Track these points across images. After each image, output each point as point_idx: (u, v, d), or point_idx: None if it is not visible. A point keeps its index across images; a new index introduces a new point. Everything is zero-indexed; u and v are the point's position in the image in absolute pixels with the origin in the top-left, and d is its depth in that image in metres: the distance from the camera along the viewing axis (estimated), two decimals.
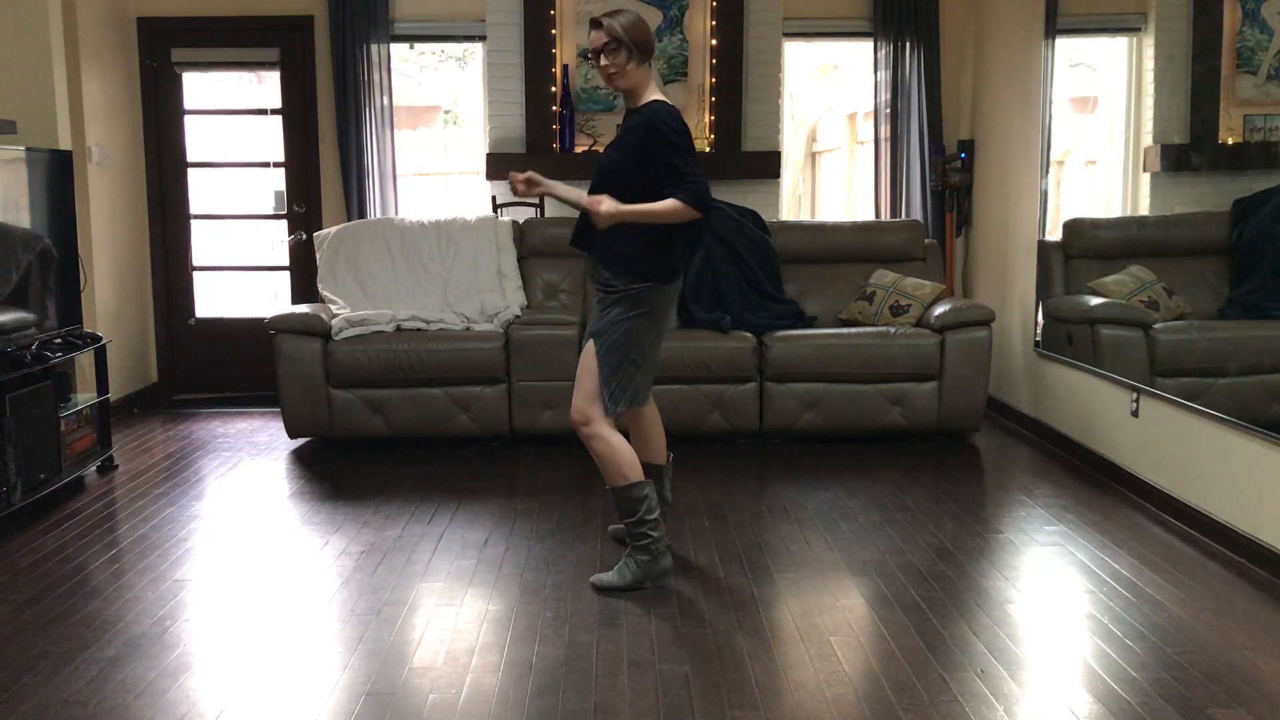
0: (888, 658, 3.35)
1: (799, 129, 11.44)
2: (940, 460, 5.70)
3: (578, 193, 3.88)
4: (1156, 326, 5.06)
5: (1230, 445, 4.25)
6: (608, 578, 3.91)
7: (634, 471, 3.88)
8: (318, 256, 6.53)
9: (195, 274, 7.30)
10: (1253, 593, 3.85)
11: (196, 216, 7.27)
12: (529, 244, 6.61)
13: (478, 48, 7.29)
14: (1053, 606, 3.78)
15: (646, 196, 3.78)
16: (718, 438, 6.00)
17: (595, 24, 3.88)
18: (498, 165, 6.98)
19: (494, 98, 7.04)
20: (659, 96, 3.88)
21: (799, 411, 5.91)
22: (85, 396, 5.53)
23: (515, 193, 3.92)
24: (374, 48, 6.91)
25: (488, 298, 6.32)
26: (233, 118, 7.75)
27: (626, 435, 4.06)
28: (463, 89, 11.12)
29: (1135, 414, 4.97)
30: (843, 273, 6.55)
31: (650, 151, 3.77)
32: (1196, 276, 4.94)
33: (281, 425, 6.10)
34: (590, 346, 3.93)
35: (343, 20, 6.86)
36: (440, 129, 11.95)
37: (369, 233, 6.52)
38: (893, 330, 5.97)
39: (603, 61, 3.87)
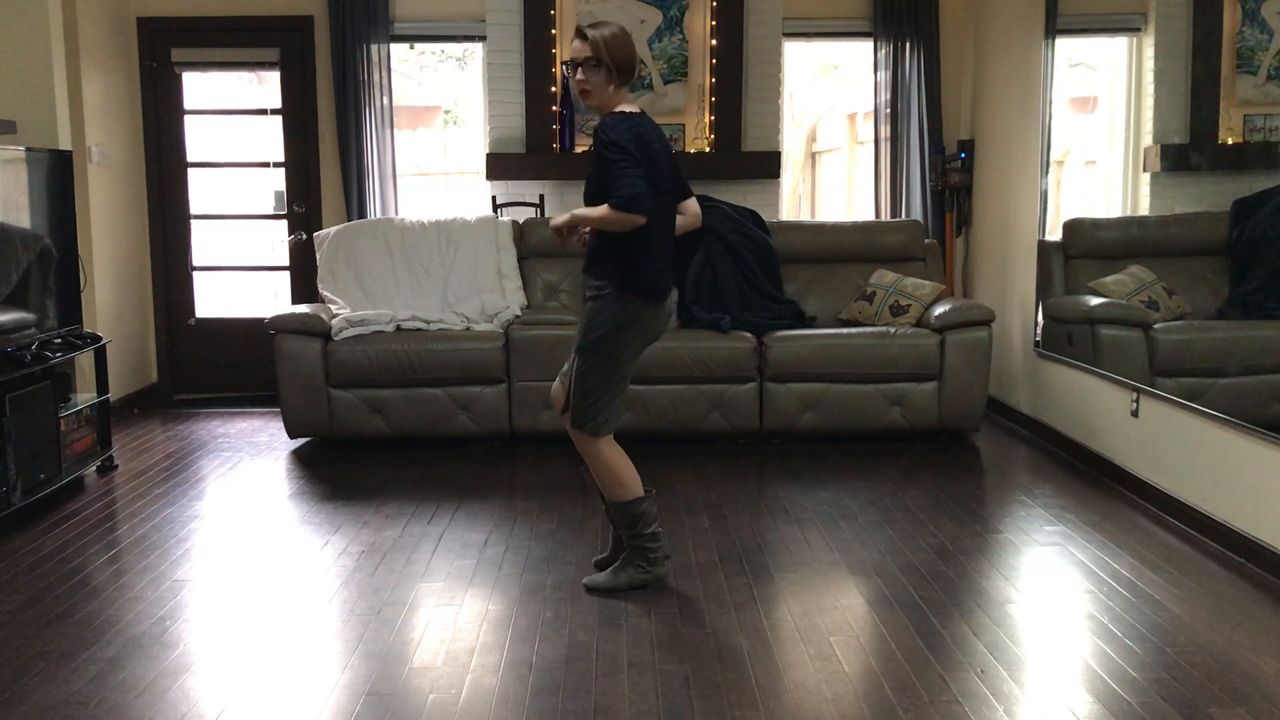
0: (888, 658, 3.35)
1: (799, 129, 11.45)
2: (940, 460, 5.70)
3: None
4: (1156, 326, 5.06)
5: (1230, 445, 4.25)
6: (602, 579, 3.91)
7: (634, 487, 3.83)
8: (318, 256, 6.53)
9: (195, 274, 7.30)
10: (1253, 593, 3.85)
11: (196, 216, 7.27)
12: (529, 244, 6.61)
13: (478, 48, 7.29)
14: (1053, 606, 3.78)
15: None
16: (718, 438, 6.00)
17: (581, 34, 3.69)
18: (498, 165, 6.98)
19: (494, 98, 7.04)
20: (623, 108, 3.71)
21: (799, 411, 5.91)
22: (85, 396, 5.53)
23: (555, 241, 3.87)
24: (374, 48, 6.91)
25: (488, 298, 6.32)
26: (233, 118, 7.75)
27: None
28: (463, 89, 11.13)
29: (1135, 414, 4.97)
30: (843, 273, 6.55)
31: (600, 169, 3.66)
32: (1196, 276, 4.94)
33: (281, 425, 6.09)
34: (577, 360, 3.81)
35: (343, 20, 6.86)
36: (440, 129, 11.96)
37: (369, 233, 6.52)
38: (893, 330, 5.97)
39: (579, 76, 3.69)
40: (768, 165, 7.06)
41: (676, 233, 3.94)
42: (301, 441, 6.14)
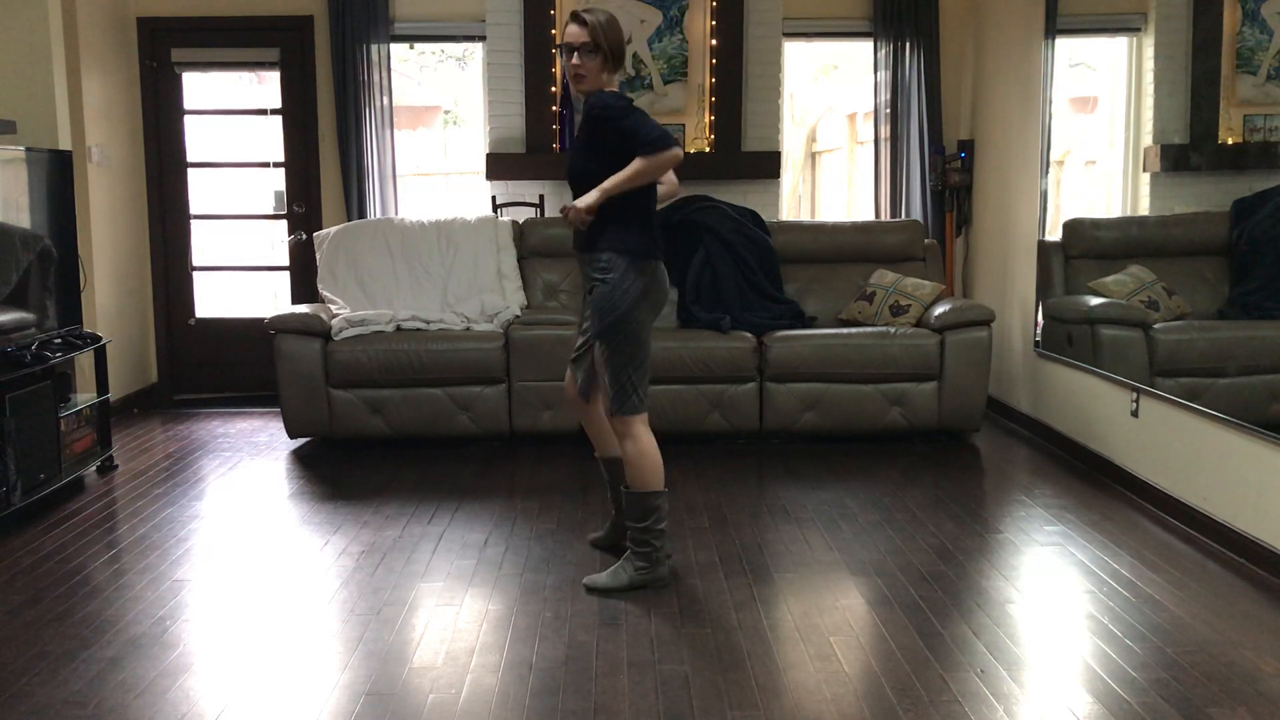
0: (888, 658, 3.35)
1: (799, 129, 11.45)
2: (940, 460, 5.70)
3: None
4: (1156, 326, 5.06)
5: (1230, 445, 4.25)
6: (602, 579, 3.92)
7: (657, 479, 3.88)
8: (318, 256, 6.53)
9: (195, 274, 7.30)
10: (1253, 593, 3.85)
11: (196, 216, 7.27)
12: (529, 244, 6.61)
13: (478, 48, 7.29)
14: (1053, 606, 3.78)
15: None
16: (718, 438, 6.00)
17: (579, 20, 3.79)
18: (498, 165, 6.98)
19: (494, 98, 7.04)
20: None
21: (799, 411, 5.91)
22: (85, 396, 5.53)
23: (575, 220, 3.80)
24: (374, 48, 6.91)
25: (488, 298, 6.32)
26: (233, 118, 7.75)
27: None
28: (463, 89, 11.13)
29: (1135, 414, 4.97)
30: (843, 273, 6.55)
31: (601, 137, 3.75)
32: (1196, 276, 4.94)
33: (281, 425, 6.09)
34: (597, 347, 3.89)
35: (343, 20, 6.86)
36: (440, 129, 11.97)
37: (369, 233, 6.52)
38: (893, 330, 5.97)
39: (575, 60, 3.79)
40: (768, 165, 7.06)
41: (659, 203, 4.02)
42: (301, 441, 6.14)
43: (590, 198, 3.73)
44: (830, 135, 11.45)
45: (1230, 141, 4.66)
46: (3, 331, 4.86)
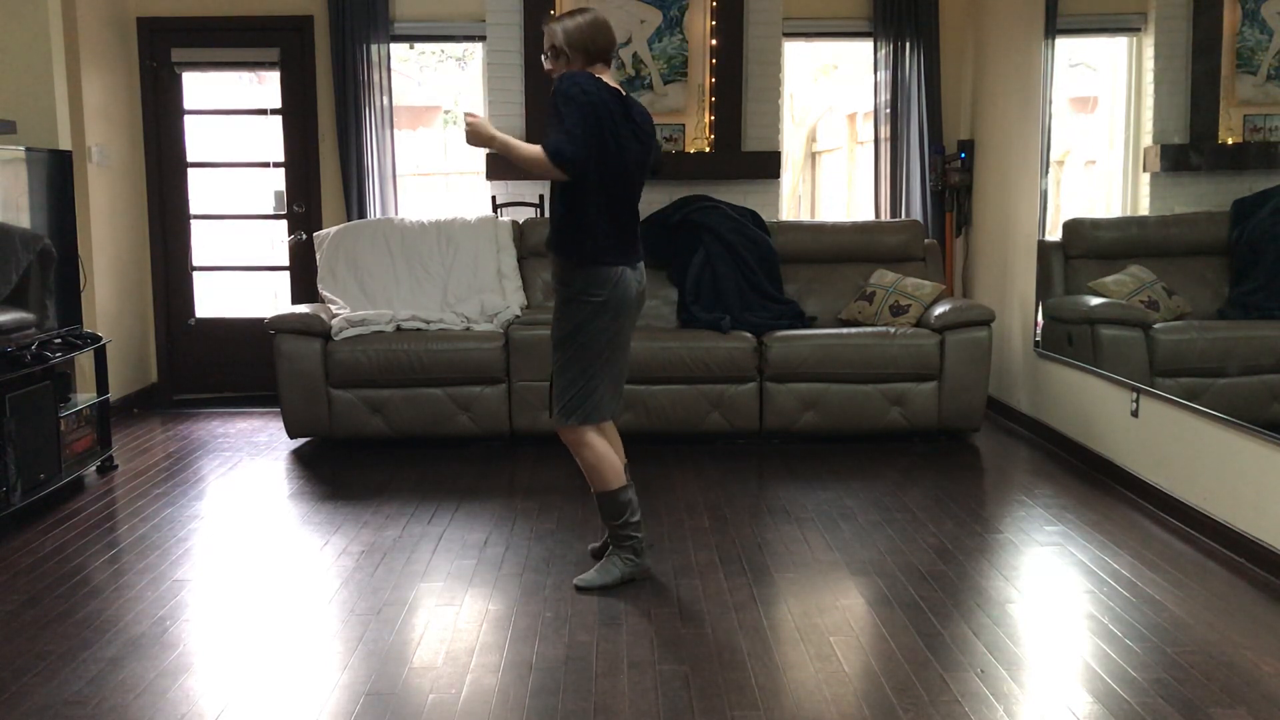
0: (888, 658, 3.35)
1: (799, 129, 11.45)
2: (940, 460, 5.70)
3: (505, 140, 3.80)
4: (1156, 326, 5.06)
5: (1230, 445, 4.25)
6: (592, 577, 3.93)
7: (618, 477, 3.91)
8: (318, 256, 6.53)
9: (195, 274, 7.30)
10: (1253, 593, 3.85)
11: (196, 216, 7.27)
12: (529, 244, 6.61)
13: (478, 48, 7.29)
14: (1053, 606, 3.78)
15: (573, 183, 3.71)
16: (718, 438, 6.00)
17: (547, 23, 3.92)
18: (498, 165, 6.98)
19: (494, 98, 7.04)
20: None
21: (799, 411, 5.91)
22: (85, 396, 5.53)
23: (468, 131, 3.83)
24: (374, 48, 6.91)
25: (488, 298, 6.32)
26: (233, 118, 7.75)
27: None
28: (463, 89, 11.13)
29: (1135, 414, 4.97)
30: (843, 273, 6.55)
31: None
32: (1196, 276, 4.94)
33: (281, 425, 6.09)
34: (552, 353, 3.92)
35: (343, 20, 6.86)
36: (440, 129, 11.97)
37: (369, 233, 6.52)
38: (893, 330, 5.97)
39: (546, 66, 3.91)
40: (768, 165, 7.06)
41: None
42: (301, 441, 6.14)
43: (482, 124, 3.77)
44: (830, 135, 11.45)
45: (1230, 141, 4.66)
46: (3, 331, 4.86)
